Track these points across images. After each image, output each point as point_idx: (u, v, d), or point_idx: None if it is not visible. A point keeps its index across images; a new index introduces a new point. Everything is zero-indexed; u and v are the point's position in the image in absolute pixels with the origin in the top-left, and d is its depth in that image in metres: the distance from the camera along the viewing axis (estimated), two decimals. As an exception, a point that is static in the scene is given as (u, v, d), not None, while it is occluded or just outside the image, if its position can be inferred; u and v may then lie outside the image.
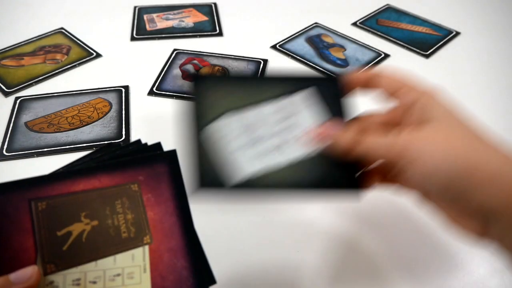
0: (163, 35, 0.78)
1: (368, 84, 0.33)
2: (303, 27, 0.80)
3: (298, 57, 0.73)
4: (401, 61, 0.73)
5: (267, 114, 0.34)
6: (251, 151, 0.32)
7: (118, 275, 0.31)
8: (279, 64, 0.71)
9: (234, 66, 0.70)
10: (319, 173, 0.32)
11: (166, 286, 0.31)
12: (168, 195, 0.34)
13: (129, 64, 0.71)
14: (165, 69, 0.70)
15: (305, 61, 0.72)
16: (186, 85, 0.66)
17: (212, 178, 0.30)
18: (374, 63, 0.72)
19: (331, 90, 0.35)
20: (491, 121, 0.61)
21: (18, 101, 0.63)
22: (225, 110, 0.33)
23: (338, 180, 0.32)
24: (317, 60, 0.72)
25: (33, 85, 0.66)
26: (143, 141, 0.38)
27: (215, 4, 0.87)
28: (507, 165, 0.24)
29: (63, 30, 0.79)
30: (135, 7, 0.86)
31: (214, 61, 0.71)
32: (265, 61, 0.72)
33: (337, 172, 0.32)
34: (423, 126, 0.28)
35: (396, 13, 0.85)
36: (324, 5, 0.88)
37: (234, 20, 0.83)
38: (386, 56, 0.73)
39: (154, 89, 0.66)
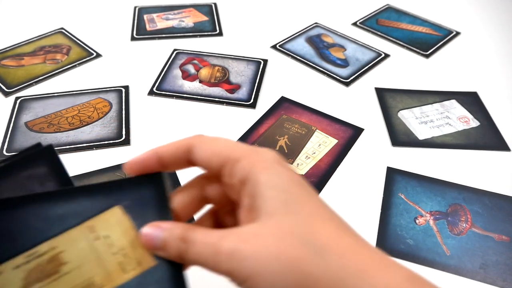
0: (163, 35, 0.78)
1: (167, 167, 0.27)
2: (303, 27, 0.80)
3: (298, 57, 0.73)
4: (401, 61, 0.73)
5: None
6: None
7: None
8: (279, 64, 0.71)
9: (234, 66, 0.70)
10: None
11: None
12: None
13: (129, 64, 0.71)
14: (165, 69, 0.70)
15: (305, 61, 0.72)
16: (186, 85, 0.66)
17: None
18: (374, 63, 0.72)
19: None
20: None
21: (18, 101, 0.63)
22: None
23: None
24: (317, 60, 0.72)
25: (33, 85, 0.66)
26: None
27: (215, 4, 0.87)
28: (343, 272, 0.22)
29: (63, 30, 0.79)
30: (135, 7, 0.86)
31: (214, 61, 0.71)
32: (265, 61, 0.72)
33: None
34: (250, 226, 0.23)
35: (396, 13, 0.85)
36: (324, 5, 0.88)
37: (234, 20, 0.83)
38: (386, 56, 0.73)
39: (154, 89, 0.66)
